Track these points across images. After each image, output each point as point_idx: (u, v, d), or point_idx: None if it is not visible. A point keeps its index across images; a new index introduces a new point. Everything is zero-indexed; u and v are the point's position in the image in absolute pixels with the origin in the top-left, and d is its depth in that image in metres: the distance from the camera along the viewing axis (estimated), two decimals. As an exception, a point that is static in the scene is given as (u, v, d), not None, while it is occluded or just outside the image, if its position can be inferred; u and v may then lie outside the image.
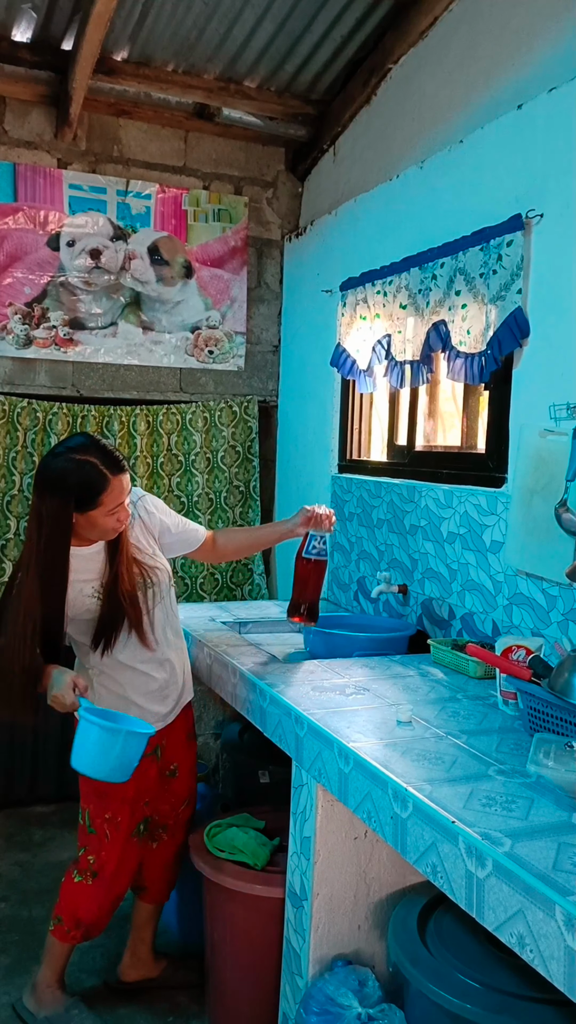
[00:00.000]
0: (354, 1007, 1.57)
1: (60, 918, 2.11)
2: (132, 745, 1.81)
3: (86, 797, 2.10)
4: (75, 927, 2.09)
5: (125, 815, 2.06)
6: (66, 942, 2.11)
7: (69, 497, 1.86)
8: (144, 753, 1.87)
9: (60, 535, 1.88)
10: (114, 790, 2.02)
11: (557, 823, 1.27)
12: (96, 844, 2.08)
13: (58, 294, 3.27)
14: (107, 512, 1.90)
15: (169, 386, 3.50)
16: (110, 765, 1.80)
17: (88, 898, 2.08)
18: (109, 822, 2.06)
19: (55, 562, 1.90)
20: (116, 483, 1.89)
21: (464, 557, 2.42)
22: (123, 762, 1.81)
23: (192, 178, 3.49)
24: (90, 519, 1.89)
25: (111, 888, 2.09)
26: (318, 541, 2.17)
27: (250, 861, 1.97)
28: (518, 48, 2.36)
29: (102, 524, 1.91)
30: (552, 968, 1.07)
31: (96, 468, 1.87)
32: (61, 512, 1.86)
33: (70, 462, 1.87)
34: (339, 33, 2.98)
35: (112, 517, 1.91)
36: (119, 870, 2.08)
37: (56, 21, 2.92)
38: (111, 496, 1.88)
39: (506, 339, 2.20)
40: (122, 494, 1.92)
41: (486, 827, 1.25)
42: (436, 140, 2.69)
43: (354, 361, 2.95)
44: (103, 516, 1.90)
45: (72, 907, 2.10)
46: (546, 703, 1.61)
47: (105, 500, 1.88)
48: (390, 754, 1.54)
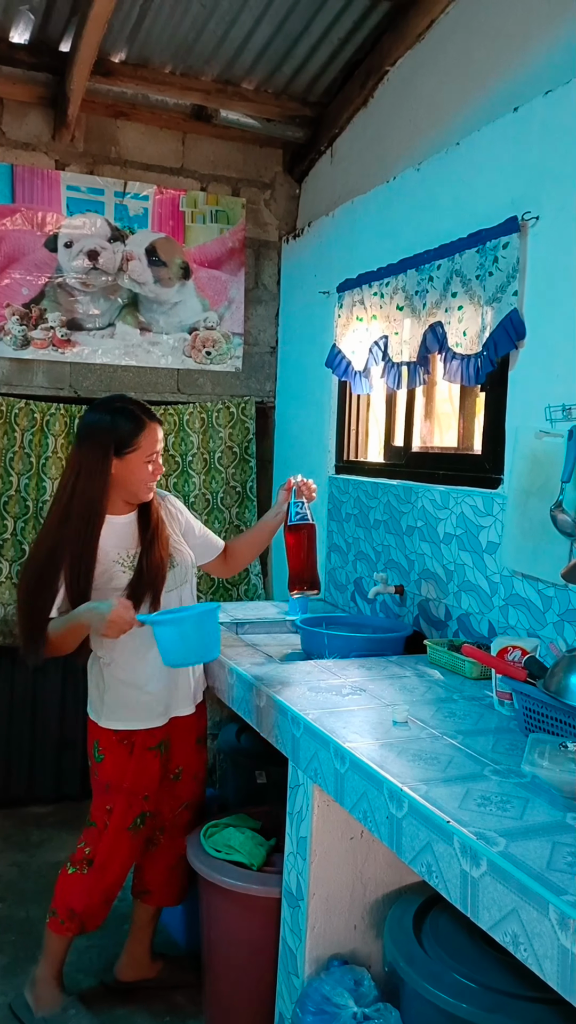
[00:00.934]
0: (350, 1006, 1.57)
1: (55, 910, 2.13)
2: (207, 623, 1.89)
3: (95, 791, 2.12)
4: (69, 918, 2.10)
5: (121, 805, 2.07)
6: (61, 933, 2.12)
7: (108, 442, 1.95)
8: (152, 748, 2.02)
9: (99, 482, 1.95)
10: (118, 782, 2.04)
11: (551, 823, 1.28)
12: (94, 836, 2.10)
13: (56, 295, 3.28)
14: (145, 457, 1.98)
15: (167, 387, 3.51)
16: (197, 650, 1.92)
17: (80, 888, 2.09)
18: (109, 813, 2.07)
19: (90, 510, 1.94)
20: (152, 428, 1.99)
21: (460, 558, 2.42)
22: (207, 641, 1.91)
23: (190, 179, 3.50)
24: (128, 465, 1.97)
25: (101, 877, 2.09)
26: (299, 507, 2.19)
27: (246, 861, 1.98)
28: (514, 51, 2.37)
29: (139, 473, 1.98)
30: (546, 967, 1.08)
31: (133, 413, 1.99)
32: (101, 459, 1.95)
33: (108, 411, 1.99)
34: (336, 35, 2.99)
35: (148, 465, 1.99)
36: (109, 859, 2.09)
37: (54, 23, 2.93)
38: (147, 439, 1.98)
39: (502, 341, 2.20)
40: (157, 442, 2.00)
41: (481, 827, 1.25)
42: (433, 142, 2.70)
43: (349, 363, 2.95)
44: (140, 462, 1.98)
45: (65, 898, 2.11)
46: (541, 704, 1.62)
47: (142, 443, 1.97)
48: (386, 754, 1.54)
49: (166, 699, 2.10)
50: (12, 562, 3.24)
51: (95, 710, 2.09)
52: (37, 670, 3.37)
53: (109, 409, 2.00)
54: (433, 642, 2.27)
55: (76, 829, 3.18)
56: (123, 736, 2.06)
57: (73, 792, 3.43)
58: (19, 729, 3.37)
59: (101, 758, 2.07)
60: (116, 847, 2.09)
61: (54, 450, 3.26)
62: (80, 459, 1.97)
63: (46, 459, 3.26)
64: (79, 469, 1.96)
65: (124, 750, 2.06)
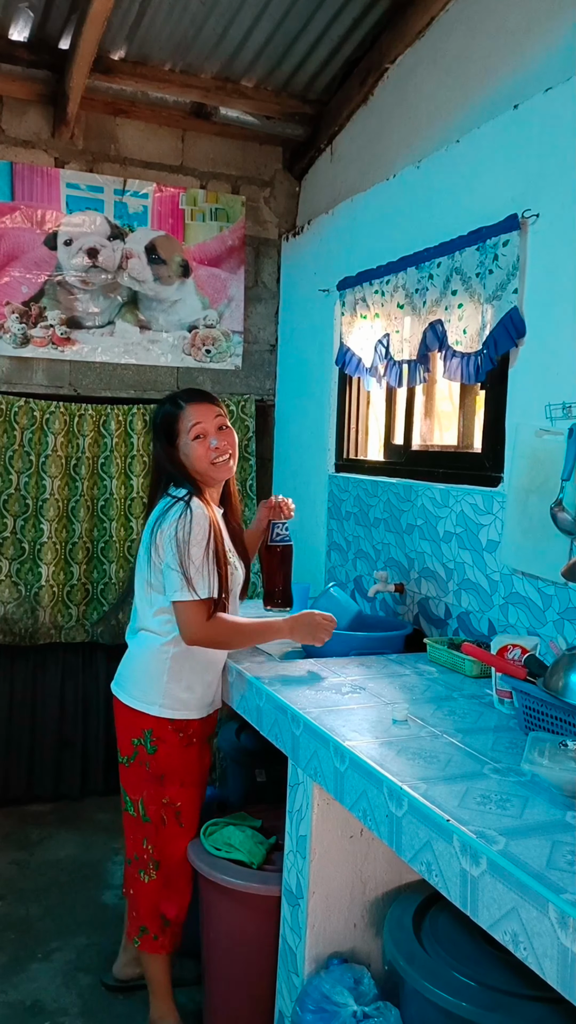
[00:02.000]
0: (350, 1005, 1.57)
1: (144, 927, 2.06)
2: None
3: (138, 786, 2.06)
4: (161, 931, 2.06)
5: (190, 797, 2.06)
6: (157, 951, 2.07)
7: (159, 436, 2.05)
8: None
9: (177, 467, 2.03)
10: (173, 774, 2.03)
11: (551, 821, 1.28)
12: (151, 832, 2.06)
13: (55, 293, 3.27)
14: (191, 438, 2.01)
15: (166, 385, 3.50)
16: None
17: (163, 892, 2.05)
18: (167, 807, 2.05)
19: (196, 489, 2.01)
20: (189, 408, 2.03)
21: (460, 556, 2.42)
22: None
23: (189, 177, 3.49)
24: (181, 451, 2.03)
25: (179, 873, 2.06)
26: (280, 528, 2.29)
27: (246, 859, 1.97)
28: (514, 48, 2.36)
29: (194, 455, 2.02)
30: (546, 966, 1.08)
31: (172, 400, 2.07)
32: (160, 455, 2.05)
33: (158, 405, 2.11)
34: (336, 33, 2.98)
35: (198, 444, 2.02)
36: (174, 853, 2.05)
37: (53, 20, 2.92)
38: (183, 421, 2.02)
39: (502, 339, 2.20)
40: (197, 417, 2.02)
41: (480, 825, 1.25)
42: (433, 140, 2.69)
43: (359, 359, 2.94)
44: (188, 444, 2.02)
45: (152, 908, 2.06)
46: (541, 702, 1.62)
47: (180, 427, 2.02)
48: (386, 753, 1.54)
49: (216, 690, 2.12)
50: (12, 560, 3.24)
51: (145, 699, 2.04)
52: (36, 668, 3.37)
53: (156, 409, 2.10)
54: (433, 640, 2.27)
55: (75, 827, 3.19)
56: (180, 726, 2.04)
57: (73, 791, 3.43)
58: (19, 728, 3.37)
59: (155, 750, 2.03)
60: (176, 839, 2.06)
61: (54, 448, 3.26)
62: (157, 457, 2.07)
63: (46, 457, 3.26)
64: (163, 466, 2.05)
65: (181, 740, 2.04)
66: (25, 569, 3.26)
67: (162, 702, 2.03)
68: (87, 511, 3.33)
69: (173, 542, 1.92)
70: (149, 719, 2.03)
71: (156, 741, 2.04)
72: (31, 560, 3.26)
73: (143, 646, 2.07)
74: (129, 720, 2.07)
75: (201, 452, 2.02)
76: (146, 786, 2.06)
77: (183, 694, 2.04)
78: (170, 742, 2.04)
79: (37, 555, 3.26)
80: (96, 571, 3.37)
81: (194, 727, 2.07)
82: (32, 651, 3.35)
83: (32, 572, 3.26)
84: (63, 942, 2.48)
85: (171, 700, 2.03)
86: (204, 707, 2.09)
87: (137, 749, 2.06)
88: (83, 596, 3.35)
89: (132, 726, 2.06)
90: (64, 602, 3.32)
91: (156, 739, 2.04)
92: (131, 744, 2.07)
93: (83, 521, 3.32)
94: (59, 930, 2.54)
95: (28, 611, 3.25)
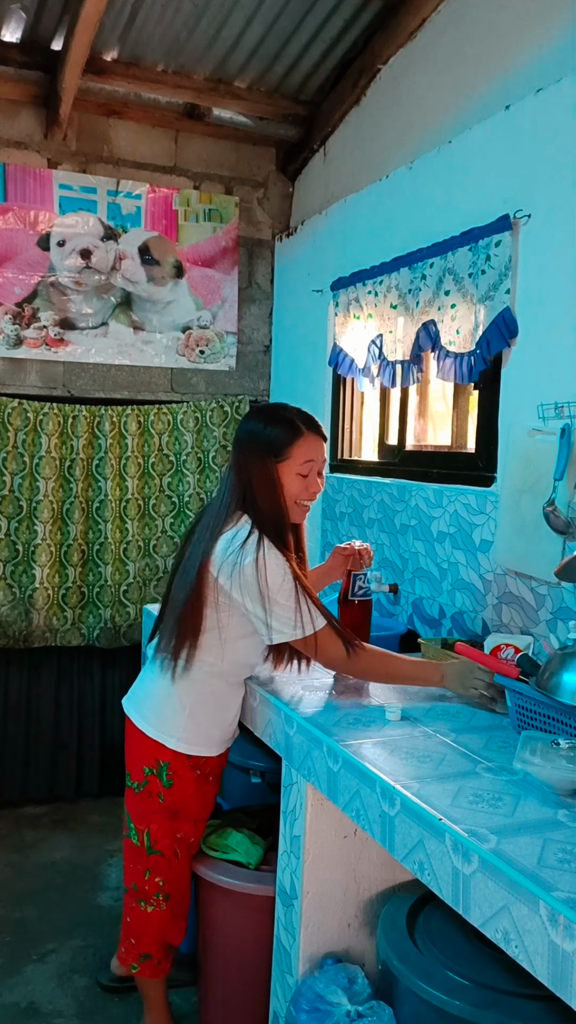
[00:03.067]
0: (343, 1004, 1.57)
1: (145, 955, 2.02)
2: None
3: (145, 815, 1.97)
4: (165, 957, 2.03)
5: (194, 833, 2.00)
6: (158, 976, 2.04)
7: (264, 450, 1.82)
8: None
9: (274, 491, 1.82)
10: (188, 811, 1.96)
11: (542, 820, 1.28)
12: (164, 866, 1.98)
13: (48, 294, 3.27)
14: (296, 467, 1.83)
15: (160, 386, 3.50)
16: None
17: (170, 922, 2.02)
18: (180, 842, 1.98)
19: (280, 519, 1.82)
20: (310, 438, 1.84)
21: (454, 556, 2.42)
22: None
23: (182, 178, 3.49)
24: (280, 474, 1.83)
25: (182, 906, 2.04)
26: (362, 580, 2.07)
27: (244, 860, 1.98)
28: (506, 50, 2.37)
29: (291, 488, 1.83)
30: (537, 963, 1.08)
31: (293, 423, 1.84)
32: (256, 468, 1.82)
33: (263, 419, 1.87)
34: (328, 34, 2.99)
35: (300, 479, 1.84)
36: (181, 885, 2.02)
37: (45, 21, 2.92)
38: (300, 448, 1.82)
39: (495, 339, 2.20)
40: (314, 452, 1.85)
41: (472, 824, 1.26)
42: (425, 141, 2.70)
43: (352, 360, 2.95)
44: (290, 475, 1.83)
45: (156, 936, 2.01)
46: (534, 701, 1.62)
47: (293, 453, 1.82)
48: (379, 753, 1.54)
49: (233, 727, 2.02)
50: (6, 562, 3.24)
51: (163, 729, 1.92)
52: (31, 670, 3.37)
53: (265, 417, 1.87)
54: (427, 641, 2.27)
55: (70, 829, 3.19)
56: (197, 763, 1.94)
57: (67, 793, 3.43)
58: (13, 730, 3.36)
59: (170, 783, 1.93)
60: (185, 872, 2.02)
61: (48, 450, 3.26)
62: (249, 468, 1.84)
63: (40, 459, 3.25)
64: (250, 480, 1.83)
65: (197, 778, 1.96)
66: (19, 571, 3.26)
67: (181, 735, 1.91)
68: (82, 513, 3.33)
69: (255, 585, 1.75)
70: (166, 751, 1.92)
71: (172, 775, 1.93)
72: (25, 562, 3.26)
73: (168, 673, 1.92)
74: (143, 746, 1.95)
75: (299, 489, 1.85)
76: (156, 819, 1.96)
77: (208, 730, 1.94)
78: (186, 778, 1.94)
79: (31, 557, 3.25)
80: (91, 573, 3.37)
81: (211, 764, 1.98)
82: (27, 653, 3.35)
83: (26, 574, 3.25)
84: (58, 944, 2.48)
85: (191, 735, 1.92)
86: (223, 743, 2.00)
87: (149, 779, 1.95)
88: (78, 599, 3.34)
89: (146, 754, 1.95)
90: (59, 605, 3.31)
91: (172, 773, 1.93)
92: (143, 772, 1.96)
93: (78, 523, 3.32)
94: (54, 932, 2.54)
95: (22, 614, 3.25)
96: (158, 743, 1.92)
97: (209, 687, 1.91)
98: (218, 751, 1.99)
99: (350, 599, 2.08)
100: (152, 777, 1.95)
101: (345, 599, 2.09)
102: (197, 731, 1.93)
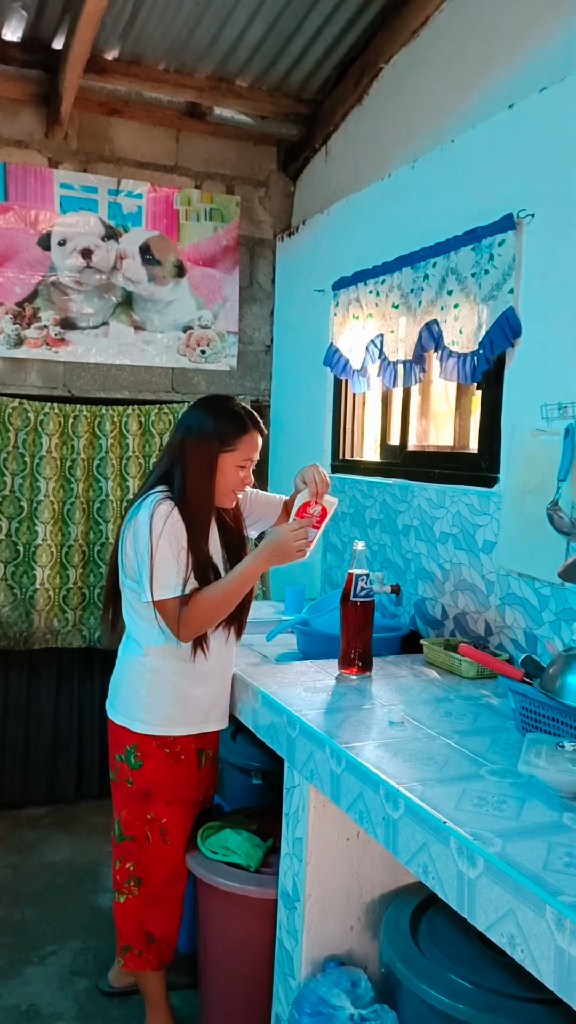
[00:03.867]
0: (346, 1008, 1.56)
1: (127, 946, 2.02)
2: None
3: (119, 803, 2.01)
4: (146, 947, 2.02)
5: (173, 817, 2.00)
6: (143, 968, 2.03)
7: (213, 437, 1.93)
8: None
9: (208, 479, 1.93)
10: (160, 791, 1.97)
11: (548, 823, 1.27)
12: (135, 850, 2.00)
13: (49, 294, 3.26)
14: (238, 463, 1.95)
15: (161, 386, 3.49)
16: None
17: (146, 909, 2.01)
18: (152, 824, 1.99)
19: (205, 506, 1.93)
20: (254, 437, 1.97)
21: (457, 557, 2.41)
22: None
23: (184, 177, 3.49)
24: (223, 463, 1.94)
25: (163, 892, 2.01)
26: (364, 581, 2.07)
27: (243, 862, 1.96)
28: (509, 48, 2.36)
29: (229, 478, 1.96)
30: (542, 967, 1.07)
31: (242, 419, 1.97)
32: (199, 450, 1.92)
33: (212, 410, 1.97)
34: (330, 32, 2.98)
35: (238, 471, 1.96)
36: (159, 870, 2.00)
37: (47, 20, 2.91)
38: (243, 444, 1.95)
39: (498, 339, 2.19)
40: (254, 449, 1.98)
41: (477, 827, 1.25)
42: (428, 139, 2.69)
43: (347, 361, 2.94)
44: (233, 465, 1.95)
45: (134, 926, 2.01)
46: (538, 703, 1.61)
47: (236, 445, 1.94)
48: (382, 755, 1.53)
49: (215, 706, 2.03)
50: (6, 563, 3.23)
51: (127, 713, 1.98)
52: (31, 671, 3.36)
53: (214, 408, 1.98)
54: (429, 642, 2.26)
55: (70, 831, 3.18)
56: (165, 742, 1.97)
57: (67, 794, 3.42)
58: (13, 731, 3.35)
59: (139, 764, 1.96)
60: (162, 856, 2.00)
61: (48, 450, 3.25)
62: (188, 455, 1.93)
63: (40, 459, 3.25)
64: (187, 466, 1.93)
65: (168, 757, 1.98)
66: (20, 572, 3.25)
67: (143, 717, 1.96)
68: (83, 513, 3.32)
69: (147, 539, 1.85)
70: (132, 735, 1.97)
71: (141, 756, 1.97)
72: (26, 563, 3.25)
73: (125, 657, 2.02)
74: (115, 735, 2.01)
75: (235, 481, 1.98)
76: (127, 803, 2.00)
77: (168, 709, 1.96)
78: (156, 758, 1.97)
79: (32, 558, 3.24)
80: (92, 574, 3.36)
81: (182, 743, 1.98)
82: (27, 655, 3.34)
83: (27, 575, 3.24)
84: (58, 946, 2.47)
85: (153, 716, 1.96)
86: (196, 723, 1.99)
87: (119, 765, 2.00)
88: (79, 600, 3.33)
89: (117, 742, 2.00)
90: (60, 606, 3.30)
91: (141, 754, 1.97)
92: (115, 760, 2.01)
93: (79, 523, 3.31)
94: (54, 934, 2.53)
95: (23, 615, 3.24)
96: (124, 728, 1.98)
97: (155, 666, 1.96)
98: (186, 731, 1.99)
99: (352, 600, 2.07)
100: (121, 763, 2.00)
101: (347, 600, 2.08)
102: (157, 711, 1.96)
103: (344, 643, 2.08)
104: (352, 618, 2.07)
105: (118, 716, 2.00)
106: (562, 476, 1.94)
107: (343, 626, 2.08)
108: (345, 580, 2.09)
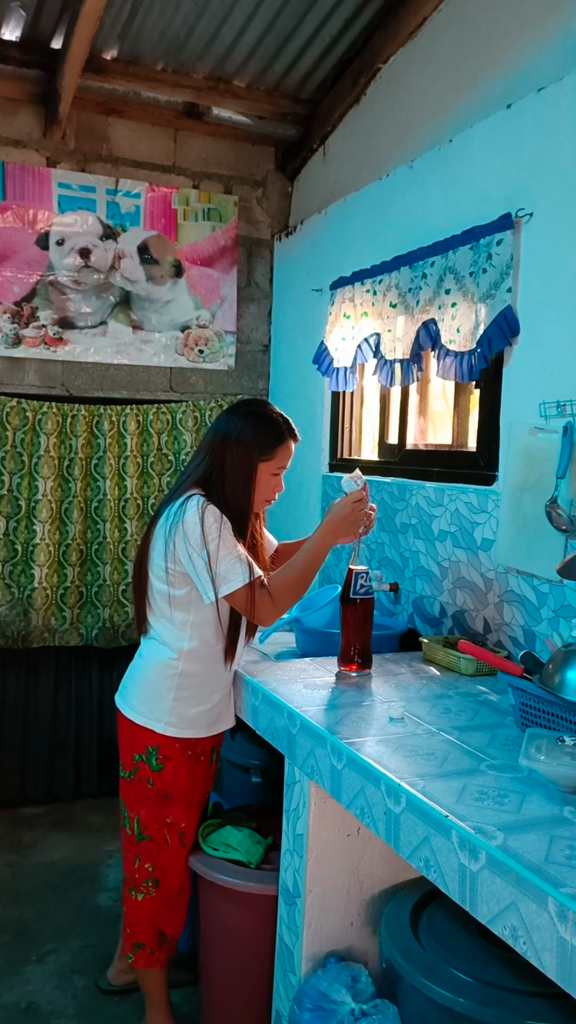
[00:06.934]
0: (347, 1003, 1.57)
1: (140, 944, 2.02)
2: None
3: (136, 802, 2.00)
4: (159, 946, 2.03)
5: (191, 817, 2.01)
6: (153, 966, 2.04)
7: (256, 443, 1.93)
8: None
9: (244, 482, 1.93)
10: (178, 794, 1.97)
11: (548, 816, 1.28)
12: (153, 851, 2.00)
13: (47, 293, 3.26)
14: (274, 472, 1.97)
15: (159, 385, 3.50)
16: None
17: (163, 909, 2.02)
18: (171, 828, 1.99)
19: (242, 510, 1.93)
20: (290, 447, 1.99)
21: (455, 555, 2.42)
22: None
23: (182, 177, 3.49)
24: (260, 471, 1.95)
25: (179, 893, 2.03)
26: (364, 578, 2.07)
27: (244, 859, 1.97)
28: (507, 48, 2.37)
29: (265, 485, 1.97)
30: (545, 959, 1.08)
31: (281, 429, 1.97)
32: (239, 456, 1.93)
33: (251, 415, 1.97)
34: (328, 32, 2.99)
35: (273, 480, 1.98)
36: (175, 872, 2.01)
37: (45, 20, 2.91)
38: (281, 452, 1.97)
39: (496, 338, 2.20)
40: (288, 458, 2.00)
41: (479, 821, 1.25)
42: (425, 139, 2.70)
43: (331, 360, 2.95)
44: (268, 473, 1.96)
45: (149, 925, 2.02)
46: (537, 698, 1.62)
47: (275, 454, 1.96)
48: (383, 750, 1.54)
49: (225, 708, 2.04)
50: (4, 562, 3.23)
51: (151, 715, 1.96)
52: (29, 670, 3.36)
53: (253, 415, 1.97)
54: (428, 639, 2.27)
55: (69, 830, 3.18)
56: (188, 744, 1.97)
57: (66, 793, 3.42)
58: (11, 730, 3.35)
59: (160, 767, 1.96)
60: (179, 859, 2.02)
61: (46, 449, 3.25)
62: (227, 462, 1.93)
63: (38, 458, 3.25)
64: (226, 472, 1.92)
65: (190, 759, 1.98)
66: (18, 571, 3.25)
67: (168, 719, 1.95)
68: (80, 512, 3.32)
69: (200, 538, 1.83)
70: (155, 736, 1.96)
71: (162, 759, 1.96)
72: (24, 562, 3.25)
73: (151, 658, 1.99)
74: (132, 735, 1.99)
75: (270, 489, 1.98)
76: (146, 804, 1.99)
77: (192, 711, 1.96)
78: (178, 760, 1.97)
79: (30, 557, 3.24)
80: (90, 573, 3.36)
81: (202, 744, 2.00)
82: (25, 653, 3.34)
83: (25, 574, 3.24)
84: (57, 944, 2.47)
85: (178, 718, 1.95)
86: (213, 724, 2.01)
87: (138, 765, 1.98)
88: (77, 599, 3.33)
89: (135, 741, 1.99)
90: (57, 605, 3.30)
91: (162, 757, 1.96)
92: (132, 760, 1.99)
93: (76, 523, 3.31)
94: (53, 932, 2.53)
95: (21, 613, 3.24)
96: (146, 729, 1.97)
97: (186, 669, 1.95)
98: (207, 732, 2.01)
99: (352, 597, 2.07)
100: (141, 764, 1.98)
101: (346, 597, 2.08)
102: (183, 714, 1.96)
103: (344, 640, 2.09)
104: (352, 615, 2.07)
105: (138, 716, 1.98)
106: (560, 474, 1.95)
107: (343, 623, 2.09)
108: (344, 577, 2.09)
